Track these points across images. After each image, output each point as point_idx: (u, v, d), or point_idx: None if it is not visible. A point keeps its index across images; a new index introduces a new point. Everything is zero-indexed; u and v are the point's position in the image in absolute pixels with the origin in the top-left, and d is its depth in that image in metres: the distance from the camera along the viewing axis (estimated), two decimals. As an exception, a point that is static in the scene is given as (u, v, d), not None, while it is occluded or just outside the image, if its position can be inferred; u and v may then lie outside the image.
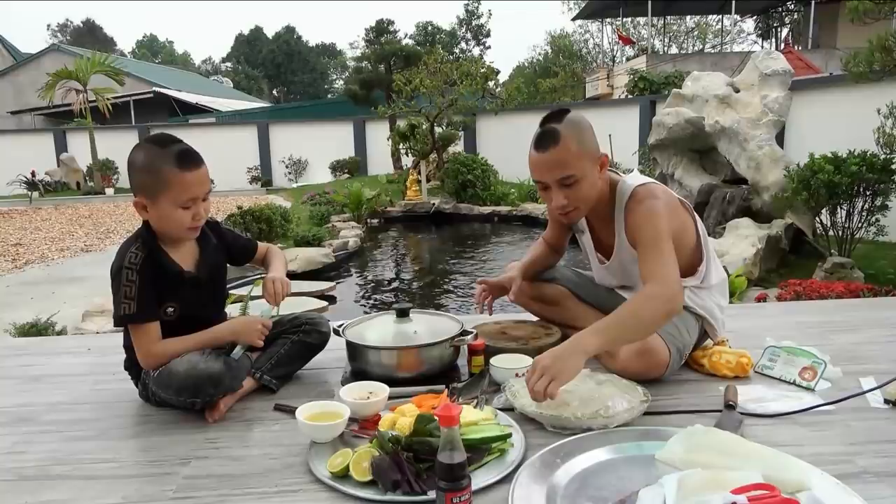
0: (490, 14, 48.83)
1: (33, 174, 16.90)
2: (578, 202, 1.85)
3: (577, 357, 1.60)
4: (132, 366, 1.88)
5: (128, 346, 1.87)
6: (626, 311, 1.70)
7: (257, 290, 1.96)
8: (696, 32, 35.78)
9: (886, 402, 1.70)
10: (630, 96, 16.38)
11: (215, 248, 1.93)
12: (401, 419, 1.51)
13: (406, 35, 31.50)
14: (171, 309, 1.80)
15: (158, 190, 1.71)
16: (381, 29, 19.43)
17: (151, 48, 60.30)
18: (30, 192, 16.42)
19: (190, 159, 1.72)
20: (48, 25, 73.96)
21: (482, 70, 13.39)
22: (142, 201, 1.74)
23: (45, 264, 8.20)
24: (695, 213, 2.01)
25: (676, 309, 1.75)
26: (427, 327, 2.01)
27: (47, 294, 6.34)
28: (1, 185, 16.80)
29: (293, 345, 1.97)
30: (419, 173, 12.57)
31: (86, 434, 1.71)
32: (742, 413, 1.64)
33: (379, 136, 16.73)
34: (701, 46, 34.17)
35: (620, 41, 25.82)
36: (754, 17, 27.97)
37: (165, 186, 1.70)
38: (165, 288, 1.78)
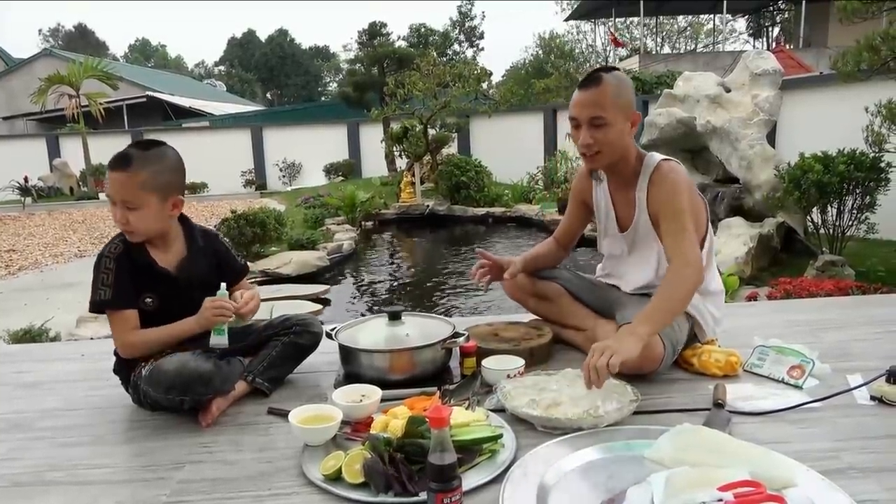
0: (483, 15, 48.90)
1: (26, 179, 16.81)
2: (603, 146, 1.94)
3: (633, 340, 1.70)
4: (121, 369, 1.89)
5: (117, 350, 1.88)
6: (664, 297, 1.83)
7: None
8: (688, 32, 35.91)
9: (873, 398, 1.72)
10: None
11: (203, 254, 1.94)
12: (393, 421, 1.52)
13: (399, 37, 31.40)
14: (149, 300, 1.83)
15: None
16: (374, 31, 19.43)
17: (144, 52, 60.13)
18: (23, 198, 16.34)
19: (116, 160, 1.78)
20: (40, 30, 73.68)
21: (475, 72, 13.41)
22: None
23: (38, 270, 8.17)
24: (709, 217, 2.06)
25: (702, 279, 1.91)
26: (419, 330, 2.02)
27: (41, 300, 6.32)
28: (-7, 190, 16.74)
29: (284, 346, 1.98)
30: (413, 175, 12.58)
31: (80, 440, 1.72)
32: (731, 411, 1.66)
33: (373, 138, 16.73)
34: (693, 46, 34.30)
35: (613, 44, 25.89)
36: (746, 17, 28.08)
37: None
38: (140, 280, 1.82)
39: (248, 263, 2.19)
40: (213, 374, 1.73)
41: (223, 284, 1.84)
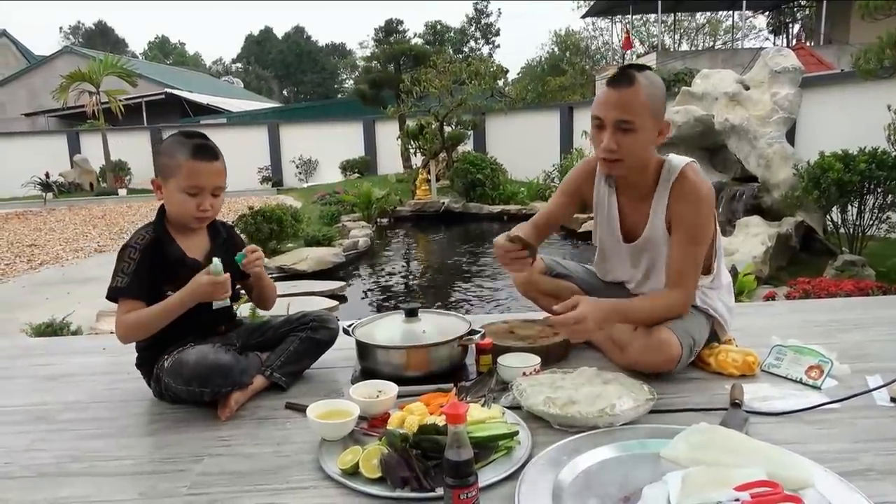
0: (499, 12, 48.87)
1: (47, 175, 17.07)
2: (627, 154, 1.82)
3: (592, 328, 1.80)
4: (143, 363, 1.93)
5: (140, 346, 1.92)
6: (645, 309, 1.89)
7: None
8: (707, 29, 35.53)
9: (892, 400, 1.70)
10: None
11: (227, 245, 1.99)
12: (409, 417, 1.53)
13: (415, 34, 31.51)
14: (170, 292, 1.84)
15: (170, 172, 1.84)
16: (391, 28, 19.46)
17: (163, 49, 60.61)
18: (44, 194, 16.59)
19: (204, 151, 1.84)
20: (60, 28, 74.64)
21: (491, 69, 13.39)
22: (157, 182, 1.89)
23: (59, 265, 8.29)
24: (717, 218, 2.00)
25: (685, 313, 1.92)
26: (435, 327, 2.03)
27: (62, 294, 6.41)
28: (15, 186, 16.99)
29: (302, 342, 2.00)
30: (429, 172, 12.59)
31: (101, 432, 1.75)
32: (748, 411, 1.65)
33: (388, 135, 16.78)
34: (712, 43, 33.93)
35: (624, 46, 25.61)
36: (766, 13, 27.75)
37: (176, 170, 1.83)
38: (165, 272, 1.84)
39: (266, 260, 2.21)
40: (232, 366, 1.77)
41: (216, 260, 1.79)
